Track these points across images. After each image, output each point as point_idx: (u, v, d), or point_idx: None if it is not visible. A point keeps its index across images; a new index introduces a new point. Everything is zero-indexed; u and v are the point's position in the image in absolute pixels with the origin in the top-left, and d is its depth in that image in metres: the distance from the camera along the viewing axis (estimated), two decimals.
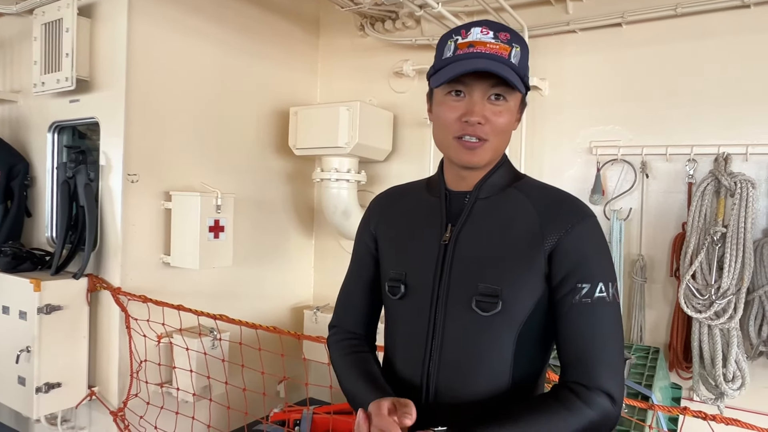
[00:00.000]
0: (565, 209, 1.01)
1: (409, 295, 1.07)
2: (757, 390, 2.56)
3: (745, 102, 2.59)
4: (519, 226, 1.01)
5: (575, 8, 2.98)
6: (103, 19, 2.79)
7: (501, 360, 1.00)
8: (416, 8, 2.51)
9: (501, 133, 1.01)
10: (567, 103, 3.03)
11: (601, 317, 0.95)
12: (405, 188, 1.22)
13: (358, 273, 1.22)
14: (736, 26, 2.61)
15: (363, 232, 1.22)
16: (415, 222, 1.11)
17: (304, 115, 3.30)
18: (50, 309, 2.60)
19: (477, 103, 0.98)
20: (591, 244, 0.99)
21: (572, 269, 0.96)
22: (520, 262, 0.99)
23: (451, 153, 1.03)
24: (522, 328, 0.99)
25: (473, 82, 0.98)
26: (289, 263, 3.80)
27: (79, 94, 2.85)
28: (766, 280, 2.45)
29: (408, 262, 1.09)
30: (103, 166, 2.78)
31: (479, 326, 1.00)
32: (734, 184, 2.45)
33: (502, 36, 0.99)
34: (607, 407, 0.92)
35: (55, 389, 2.63)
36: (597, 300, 0.95)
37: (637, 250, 2.83)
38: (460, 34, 1.01)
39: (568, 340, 0.97)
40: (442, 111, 1.02)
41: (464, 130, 0.99)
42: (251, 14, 3.38)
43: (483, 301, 0.98)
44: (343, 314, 1.23)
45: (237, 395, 2.62)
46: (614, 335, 0.97)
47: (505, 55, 0.97)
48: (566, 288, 0.97)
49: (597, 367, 0.94)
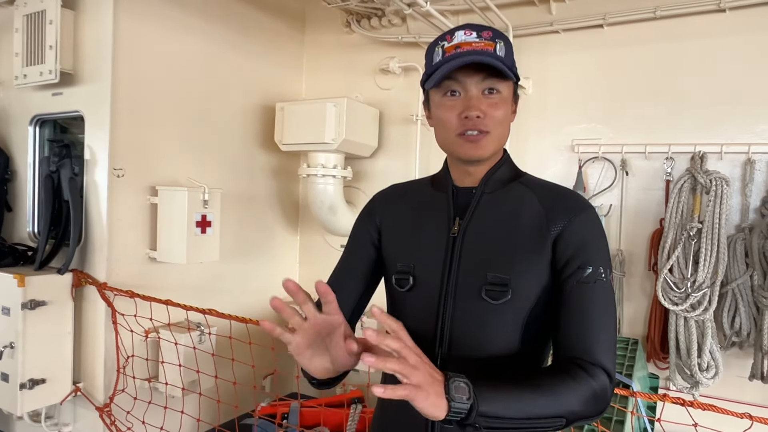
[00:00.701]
0: (569, 201, 1.07)
1: (418, 286, 1.10)
2: (730, 379, 2.68)
3: (720, 103, 2.70)
4: (525, 217, 1.06)
5: (558, 9, 3.05)
6: (87, 12, 2.75)
7: (508, 345, 1.04)
8: (405, 6, 2.54)
9: (500, 124, 1.06)
10: (550, 102, 3.10)
11: (600, 298, 1.01)
12: (408, 185, 1.26)
13: (354, 261, 1.23)
14: (712, 29, 2.71)
15: (366, 222, 1.24)
16: (423, 216, 1.15)
17: (290, 111, 3.31)
18: (34, 304, 2.57)
19: (473, 98, 1.03)
20: (592, 232, 1.05)
21: (575, 253, 1.02)
22: (528, 251, 1.04)
23: (457, 149, 1.08)
24: (529, 314, 1.04)
25: (466, 79, 1.03)
26: (275, 258, 3.80)
27: (62, 87, 2.80)
28: (739, 274, 2.55)
29: (416, 255, 1.12)
30: (88, 160, 2.75)
31: (489, 315, 1.04)
32: (709, 181, 2.55)
33: (485, 34, 1.05)
34: (605, 381, 0.97)
35: (40, 385, 2.60)
36: (598, 282, 1.01)
37: (616, 245, 2.91)
38: (445, 39, 1.06)
39: (568, 318, 1.02)
40: (441, 112, 1.07)
41: (465, 125, 1.04)
42: (237, 9, 3.37)
43: (492, 290, 1.03)
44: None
45: (226, 389, 2.63)
46: (610, 316, 1.02)
47: (491, 50, 1.03)
48: (569, 270, 1.02)
49: (595, 345, 0.99)
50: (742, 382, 2.62)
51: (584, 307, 1.01)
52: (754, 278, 2.52)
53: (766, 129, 2.61)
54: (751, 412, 2.43)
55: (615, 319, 1.05)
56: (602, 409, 0.98)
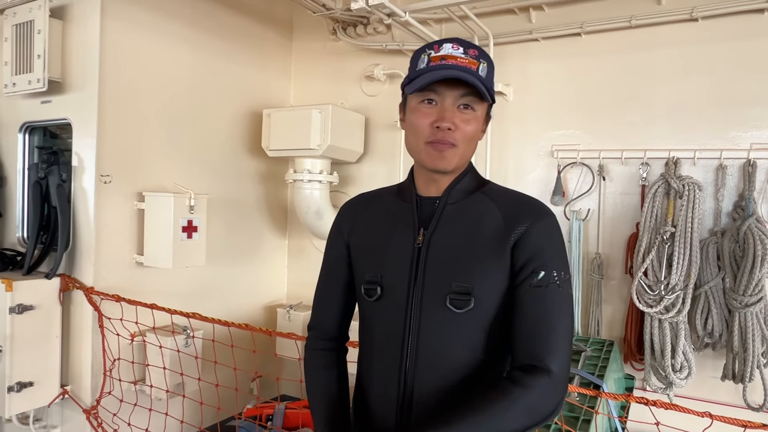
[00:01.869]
0: (527, 208, 1.11)
1: (385, 296, 1.14)
2: (704, 379, 2.74)
3: (693, 109, 2.76)
4: (486, 227, 1.10)
5: (537, 18, 3.12)
6: (75, 21, 2.81)
7: (473, 352, 1.09)
8: (384, 16, 2.60)
9: (469, 140, 1.11)
10: (530, 108, 3.17)
11: (551, 301, 1.04)
12: (375, 194, 1.30)
13: (332, 277, 1.29)
14: (686, 38, 2.78)
15: (335, 238, 1.29)
16: (388, 227, 1.19)
17: (276, 117, 3.37)
18: (22, 309, 2.62)
19: (448, 110, 1.08)
20: (549, 238, 1.09)
21: (530, 258, 1.06)
22: (489, 260, 1.08)
23: (423, 157, 1.12)
24: (492, 322, 1.08)
25: (445, 91, 1.08)
26: (263, 262, 3.86)
27: (51, 95, 2.86)
28: (711, 277, 2.61)
29: (383, 266, 1.16)
30: (76, 166, 2.81)
31: (453, 322, 1.08)
32: (682, 186, 2.61)
33: (471, 52, 1.10)
34: (545, 384, 1.00)
35: (27, 388, 2.65)
36: (550, 286, 1.05)
37: (594, 248, 2.98)
38: (433, 48, 1.11)
39: (519, 320, 1.05)
40: (415, 117, 1.11)
41: (435, 135, 1.08)
42: (225, 17, 3.43)
43: (456, 299, 1.07)
44: (320, 317, 1.32)
45: (210, 392, 2.68)
46: (562, 318, 1.05)
47: (474, 68, 1.08)
48: (523, 274, 1.06)
49: (543, 347, 1.02)
50: (716, 382, 2.68)
51: (535, 311, 1.04)
52: (726, 281, 2.58)
53: (737, 135, 2.67)
54: (724, 411, 2.49)
55: (569, 321, 1.07)
56: (549, 412, 1.01)
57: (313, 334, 1.32)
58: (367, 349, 1.21)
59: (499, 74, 3.23)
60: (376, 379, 1.17)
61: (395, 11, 2.52)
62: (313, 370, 1.28)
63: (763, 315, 2.51)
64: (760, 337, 2.50)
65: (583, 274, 2.98)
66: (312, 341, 1.31)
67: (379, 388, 1.17)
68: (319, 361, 1.29)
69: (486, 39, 3.11)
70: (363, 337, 1.23)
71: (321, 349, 1.30)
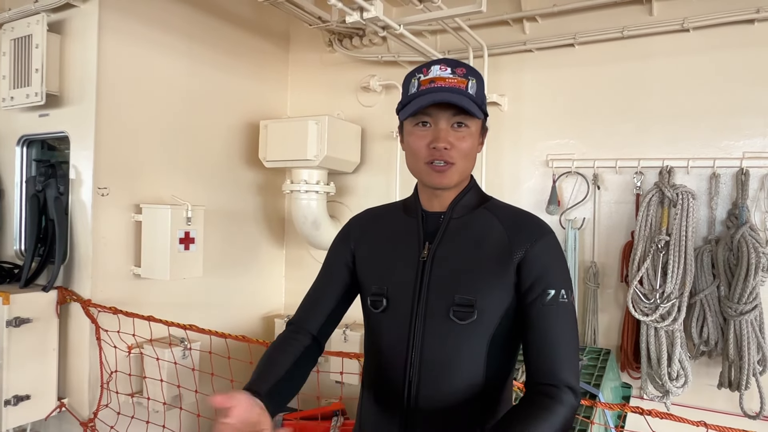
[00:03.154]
0: (530, 226, 1.15)
1: (391, 308, 1.17)
2: (701, 387, 2.74)
3: (686, 118, 2.79)
4: (490, 241, 1.13)
5: (531, 29, 3.15)
6: (73, 35, 2.84)
7: (475, 364, 1.11)
8: (379, 29, 2.63)
9: (466, 157, 1.14)
10: (525, 119, 3.19)
11: (563, 319, 1.09)
12: (382, 210, 1.34)
13: (328, 281, 1.30)
14: (678, 48, 2.81)
15: (341, 245, 1.31)
16: (395, 241, 1.22)
17: (273, 129, 3.39)
18: (19, 322, 2.62)
19: (442, 131, 1.11)
20: (553, 256, 1.13)
21: (538, 278, 1.09)
22: (492, 273, 1.11)
23: (424, 177, 1.16)
24: (494, 333, 1.11)
25: (437, 113, 1.11)
26: (261, 273, 3.87)
27: (48, 109, 2.88)
28: (706, 285, 2.63)
29: (389, 278, 1.19)
30: (73, 179, 2.82)
31: (456, 334, 1.11)
32: (676, 195, 2.64)
33: (459, 71, 1.13)
34: (572, 401, 1.05)
35: (24, 402, 2.64)
36: (561, 304, 1.09)
37: (590, 257, 2.99)
38: (422, 72, 1.14)
39: (535, 339, 1.09)
40: (412, 140, 1.15)
41: (433, 155, 1.12)
42: (222, 30, 3.46)
43: (460, 311, 1.10)
44: (303, 315, 1.30)
45: (207, 404, 2.67)
46: (572, 335, 1.11)
47: (463, 87, 1.11)
48: (533, 294, 1.09)
49: (560, 365, 1.06)
50: (712, 390, 2.68)
51: (549, 329, 1.08)
52: (721, 289, 2.60)
53: (730, 144, 2.70)
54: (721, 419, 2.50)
55: (577, 337, 1.13)
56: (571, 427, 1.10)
57: (291, 328, 1.28)
58: (372, 360, 1.23)
59: (493, 85, 3.28)
60: (380, 389, 1.19)
61: (390, 24, 2.55)
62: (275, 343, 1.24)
63: (758, 323, 2.52)
64: (756, 345, 2.51)
65: (579, 282, 2.99)
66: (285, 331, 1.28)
67: (383, 398, 1.19)
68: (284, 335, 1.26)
69: (480, 50, 3.14)
70: (368, 349, 1.25)
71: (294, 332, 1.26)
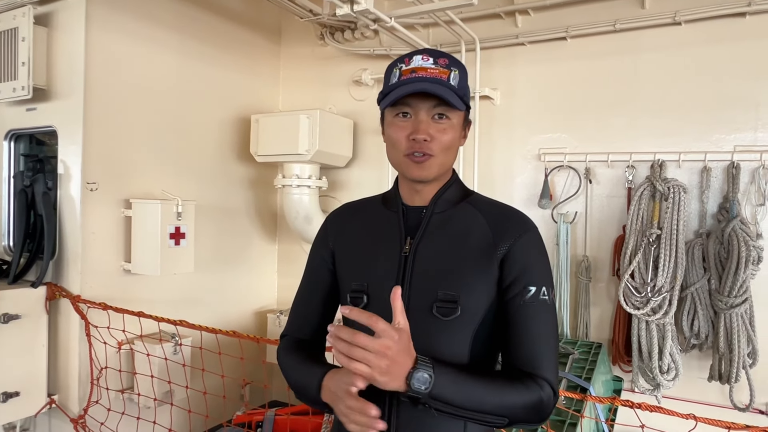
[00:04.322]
0: (513, 222, 1.13)
1: (372, 305, 1.14)
2: (691, 380, 2.75)
3: (677, 112, 2.79)
4: (473, 236, 1.11)
5: (523, 22, 3.14)
6: (60, 28, 2.80)
7: (458, 359, 1.09)
8: (370, 22, 2.61)
9: (446, 149, 1.11)
10: (517, 112, 3.18)
11: (543, 317, 1.08)
12: (360, 204, 1.30)
13: (313, 286, 1.28)
14: (669, 42, 2.80)
15: (320, 247, 1.28)
16: (375, 235, 1.19)
17: (265, 123, 3.37)
18: (8, 318, 2.59)
19: (422, 122, 1.08)
20: (536, 253, 1.12)
21: (520, 274, 1.08)
22: (476, 269, 1.09)
23: (403, 169, 1.13)
24: (477, 330, 1.10)
25: (417, 104, 1.08)
26: (253, 268, 3.85)
27: (36, 103, 2.84)
28: (697, 278, 2.64)
29: (369, 274, 1.16)
30: (62, 174, 2.79)
31: (439, 330, 1.09)
32: (667, 189, 2.63)
33: (441, 61, 1.11)
34: (549, 392, 1.05)
35: (14, 398, 2.62)
36: (541, 302, 1.08)
37: (582, 251, 2.99)
38: (403, 62, 1.12)
39: (515, 337, 1.08)
40: (392, 131, 1.12)
41: (413, 147, 1.09)
42: (212, 24, 3.43)
43: (443, 307, 1.08)
44: (296, 324, 1.29)
45: (199, 400, 2.67)
46: (552, 333, 1.10)
47: (445, 78, 1.08)
48: (514, 290, 1.08)
49: (541, 361, 1.06)
50: (703, 383, 2.70)
51: (529, 326, 1.08)
52: (712, 282, 2.61)
53: (721, 138, 2.70)
54: (711, 412, 2.51)
55: (556, 336, 1.12)
56: (544, 418, 1.07)
57: (286, 340, 1.29)
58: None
59: (485, 78, 3.27)
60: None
61: (381, 17, 2.53)
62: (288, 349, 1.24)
63: (748, 316, 2.53)
64: (746, 338, 2.52)
65: (570, 276, 2.99)
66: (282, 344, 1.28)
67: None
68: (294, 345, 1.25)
69: (472, 44, 3.13)
70: None
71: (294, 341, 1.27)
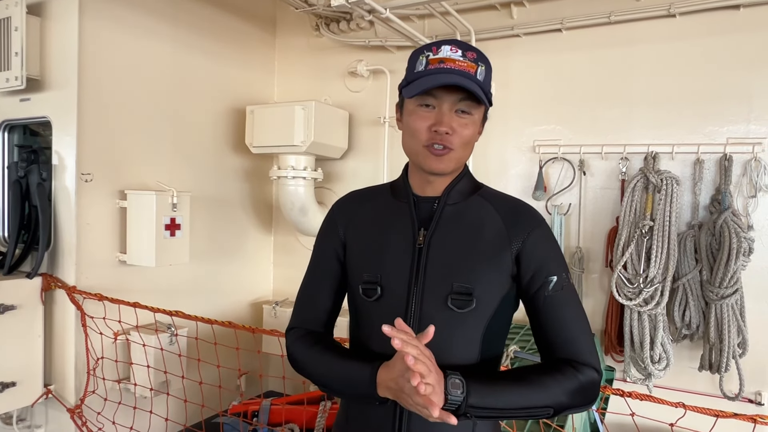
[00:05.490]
0: (525, 215, 1.15)
1: (385, 296, 1.13)
2: (682, 370, 2.79)
3: (671, 104, 2.80)
4: (486, 229, 1.12)
5: (519, 14, 3.14)
6: (53, 18, 2.78)
7: (470, 352, 1.11)
8: (365, 13, 2.61)
9: (465, 144, 1.11)
10: (512, 104, 3.19)
11: (571, 302, 1.12)
12: (367, 192, 1.28)
13: (322, 276, 1.25)
14: (664, 34, 2.81)
15: (329, 236, 1.25)
16: (385, 226, 1.18)
17: (260, 114, 3.36)
18: (3, 309, 2.60)
19: (446, 114, 1.08)
20: (549, 244, 1.14)
21: (539, 267, 1.10)
22: (490, 261, 1.10)
23: (420, 160, 1.12)
24: (489, 322, 1.11)
25: (443, 95, 1.07)
26: (249, 259, 3.86)
27: (29, 93, 2.83)
28: (689, 269, 2.66)
29: (382, 265, 1.15)
30: (56, 165, 2.78)
31: (453, 322, 1.09)
32: (660, 180, 2.66)
33: (470, 55, 1.10)
34: (594, 376, 1.08)
35: (10, 388, 2.64)
36: (564, 288, 1.11)
37: (576, 242, 3.01)
38: (431, 50, 1.10)
39: (548, 329, 1.11)
40: (413, 120, 1.11)
41: (433, 138, 1.08)
42: (207, 14, 3.41)
43: (458, 299, 1.09)
44: (304, 316, 1.26)
45: (195, 390, 2.68)
46: (583, 316, 1.13)
47: (472, 72, 1.07)
48: (537, 283, 1.10)
49: (580, 347, 1.09)
50: (693, 372, 2.74)
51: (561, 315, 1.10)
52: (703, 273, 2.63)
53: (714, 130, 2.72)
54: (701, 401, 2.54)
55: (585, 315, 1.14)
56: (591, 401, 1.10)
57: (295, 333, 1.24)
58: (363, 349, 1.18)
59: None
60: None
61: (375, 8, 2.52)
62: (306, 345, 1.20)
63: (738, 306, 2.56)
64: (736, 328, 2.55)
65: None
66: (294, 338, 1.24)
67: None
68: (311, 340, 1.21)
69: (468, 35, 3.13)
70: (356, 338, 1.21)
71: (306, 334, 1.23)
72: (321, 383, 1.17)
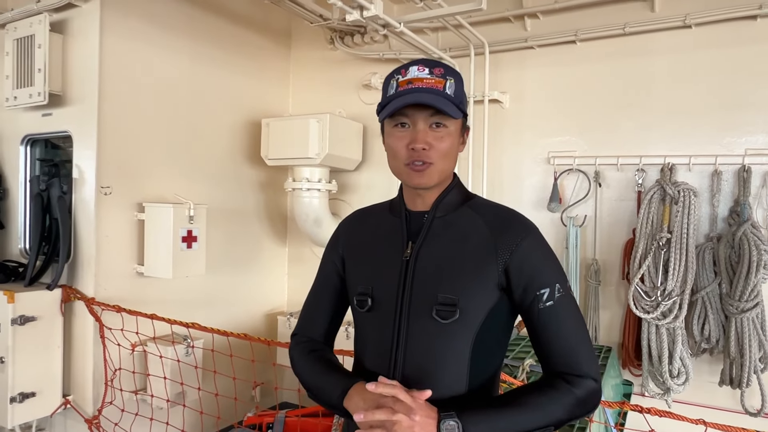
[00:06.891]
0: (513, 225, 1.15)
1: (376, 307, 1.18)
2: (701, 384, 2.74)
3: (688, 115, 2.78)
4: (473, 240, 1.14)
5: (533, 26, 3.14)
6: (75, 35, 2.85)
7: (459, 362, 1.11)
8: (380, 27, 2.63)
9: (445, 156, 1.14)
10: (526, 116, 3.19)
11: (566, 313, 1.11)
12: (370, 210, 1.35)
13: (323, 289, 1.33)
14: (679, 45, 2.80)
15: (331, 252, 1.33)
16: (380, 241, 1.23)
17: (275, 127, 3.40)
18: (24, 320, 2.64)
19: (420, 132, 1.11)
20: (539, 254, 1.13)
21: (530, 280, 1.10)
22: (475, 272, 1.11)
23: (404, 177, 1.17)
24: (478, 333, 1.12)
25: (415, 114, 1.11)
26: (263, 270, 3.88)
27: (51, 108, 2.89)
28: (707, 282, 2.63)
29: (374, 278, 1.20)
30: (76, 179, 2.84)
31: (439, 333, 1.11)
32: (678, 192, 2.63)
33: (437, 71, 1.13)
34: (591, 386, 1.09)
35: (30, 399, 2.67)
36: (558, 299, 1.10)
37: (591, 254, 2.99)
38: (400, 73, 1.14)
39: (546, 340, 1.11)
40: (391, 141, 1.15)
41: (412, 156, 1.12)
42: (223, 28, 3.47)
43: (442, 310, 1.10)
44: (306, 325, 1.35)
45: (210, 401, 2.70)
46: (580, 324, 1.13)
47: (441, 88, 1.11)
48: (530, 297, 1.10)
49: (577, 357, 1.09)
50: (713, 387, 2.68)
51: (555, 327, 1.10)
52: (722, 286, 2.59)
53: (732, 141, 2.69)
54: (722, 417, 2.50)
55: (585, 326, 1.14)
56: (591, 410, 1.11)
57: (297, 339, 1.34)
58: (360, 358, 1.25)
59: (494, 82, 3.28)
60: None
61: (390, 22, 2.55)
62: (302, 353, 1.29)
63: (759, 320, 2.52)
64: (757, 343, 2.51)
65: (580, 280, 2.99)
66: (295, 343, 1.33)
67: None
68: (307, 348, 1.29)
69: (482, 47, 3.14)
70: (356, 347, 1.28)
71: (305, 341, 1.32)
72: (307, 388, 1.25)
